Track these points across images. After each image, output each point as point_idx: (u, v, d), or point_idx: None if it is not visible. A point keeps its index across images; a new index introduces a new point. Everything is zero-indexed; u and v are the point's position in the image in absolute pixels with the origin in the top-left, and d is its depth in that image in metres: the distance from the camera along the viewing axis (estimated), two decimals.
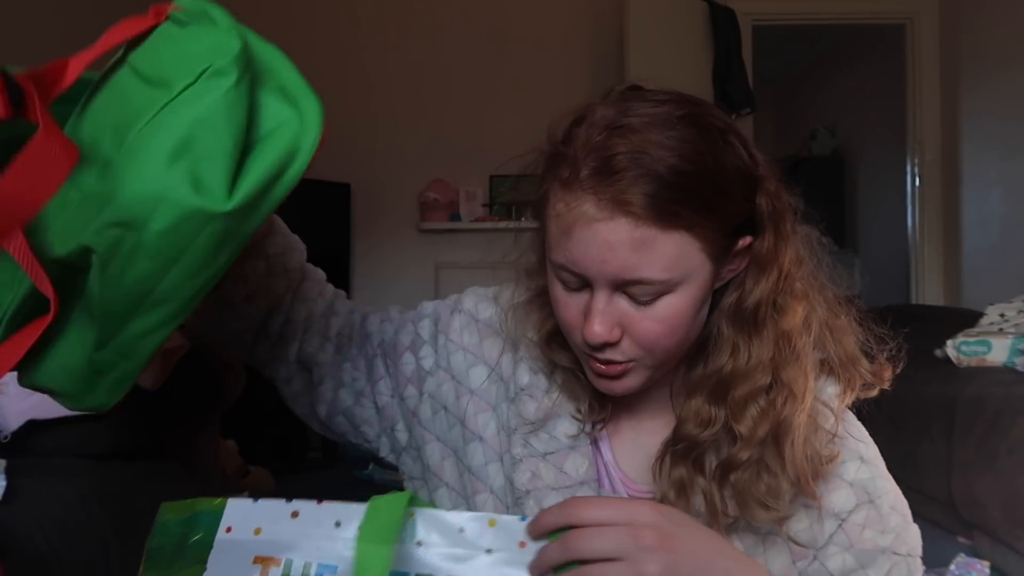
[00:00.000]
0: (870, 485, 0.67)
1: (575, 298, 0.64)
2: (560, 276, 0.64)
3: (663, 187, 0.58)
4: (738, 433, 0.64)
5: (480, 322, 0.79)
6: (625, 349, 0.63)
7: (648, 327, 0.62)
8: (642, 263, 0.59)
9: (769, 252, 0.65)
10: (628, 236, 0.59)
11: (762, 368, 0.65)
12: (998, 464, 1.92)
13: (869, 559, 0.66)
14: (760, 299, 0.65)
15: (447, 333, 0.80)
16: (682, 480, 0.66)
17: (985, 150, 3.52)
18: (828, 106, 5.79)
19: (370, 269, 3.90)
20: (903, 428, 2.45)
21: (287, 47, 0.55)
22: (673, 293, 0.62)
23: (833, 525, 0.66)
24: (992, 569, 1.90)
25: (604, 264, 0.60)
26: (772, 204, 0.66)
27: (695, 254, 0.61)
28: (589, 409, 0.73)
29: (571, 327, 0.65)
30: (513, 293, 0.77)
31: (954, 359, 2.32)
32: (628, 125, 0.60)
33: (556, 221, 0.62)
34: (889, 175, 4.70)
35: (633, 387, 0.66)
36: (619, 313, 0.62)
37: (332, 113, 0.51)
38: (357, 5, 3.94)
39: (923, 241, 3.87)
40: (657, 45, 3.68)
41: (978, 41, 3.55)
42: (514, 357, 0.77)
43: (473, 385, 0.77)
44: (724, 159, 0.62)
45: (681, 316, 0.62)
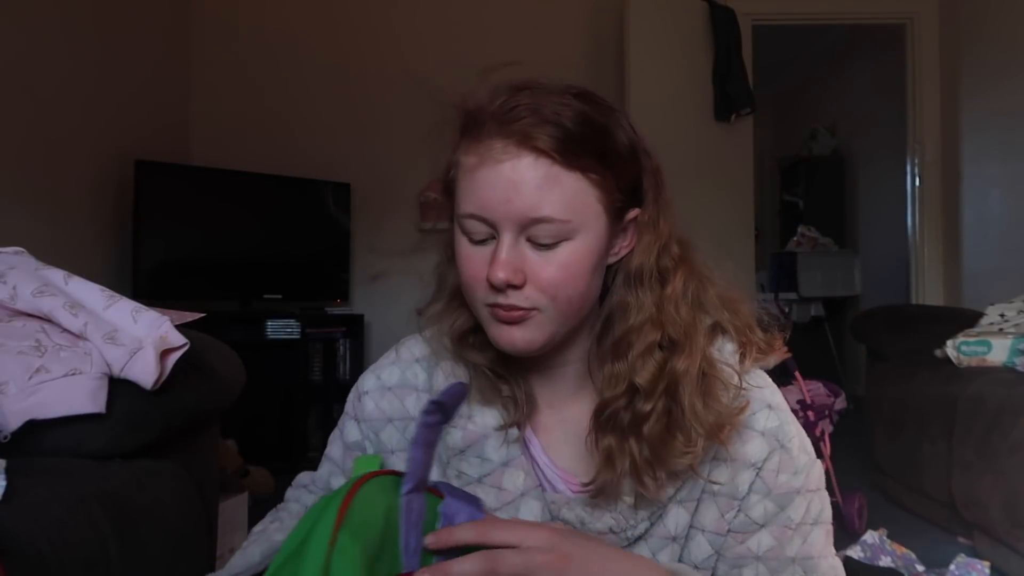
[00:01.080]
0: (779, 432, 0.73)
1: (480, 251, 0.68)
2: (467, 228, 0.68)
3: (563, 131, 0.65)
4: (639, 386, 0.69)
5: (392, 388, 0.81)
6: (529, 295, 0.67)
7: (550, 272, 0.66)
8: (544, 201, 0.65)
9: (651, 220, 0.72)
10: (532, 173, 0.65)
11: (652, 324, 0.71)
12: (998, 464, 1.92)
13: (787, 500, 0.72)
14: (644, 262, 0.72)
15: (367, 420, 0.81)
16: (610, 448, 0.71)
17: (985, 150, 3.52)
18: (828, 106, 5.80)
19: (370, 269, 3.90)
20: (903, 428, 2.45)
21: (288, 47, 0.55)
22: (573, 240, 0.67)
23: (751, 475, 0.72)
24: (992, 569, 1.90)
25: (509, 203, 0.65)
26: (654, 178, 0.73)
27: (592, 203, 0.67)
28: (506, 411, 0.75)
29: (475, 279, 0.69)
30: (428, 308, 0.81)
31: (954, 359, 2.32)
32: (528, 90, 0.69)
33: (465, 172, 0.68)
34: (889, 175, 4.70)
35: (536, 342, 0.69)
36: (522, 258, 0.67)
37: (332, 113, 0.51)
38: (357, 5, 3.94)
39: (923, 241, 3.87)
40: (657, 45, 3.68)
41: (978, 41, 3.55)
42: (431, 395, 0.78)
43: None
44: (613, 126, 0.69)
45: (579, 264, 0.67)
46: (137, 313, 1.29)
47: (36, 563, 0.89)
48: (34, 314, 1.27)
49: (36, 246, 1.49)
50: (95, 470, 1.15)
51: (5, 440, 1.13)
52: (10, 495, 0.96)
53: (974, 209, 3.58)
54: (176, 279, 3.26)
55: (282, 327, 3.38)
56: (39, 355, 1.19)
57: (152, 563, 1.12)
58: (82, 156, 2.93)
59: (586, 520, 0.72)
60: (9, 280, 1.29)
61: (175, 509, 1.22)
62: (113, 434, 1.21)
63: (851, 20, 4.16)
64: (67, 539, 0.96)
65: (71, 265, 1.43)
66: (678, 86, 3.66)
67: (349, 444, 0.83)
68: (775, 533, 0.72)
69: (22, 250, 1.41)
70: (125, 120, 3.20)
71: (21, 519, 0.92)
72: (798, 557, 0.72)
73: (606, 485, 0.70)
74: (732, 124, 3.70)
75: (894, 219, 4.39)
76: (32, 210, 2.60)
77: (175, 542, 1.19)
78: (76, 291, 1.31)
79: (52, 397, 1.15)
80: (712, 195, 3.50)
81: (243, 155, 3.72)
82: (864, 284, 5.05)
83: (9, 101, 2.50)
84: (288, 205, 3.61)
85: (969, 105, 3.61)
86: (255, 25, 3.90)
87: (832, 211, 5.53)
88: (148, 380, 1.23)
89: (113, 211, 3.14)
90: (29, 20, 2.60)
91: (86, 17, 2.93)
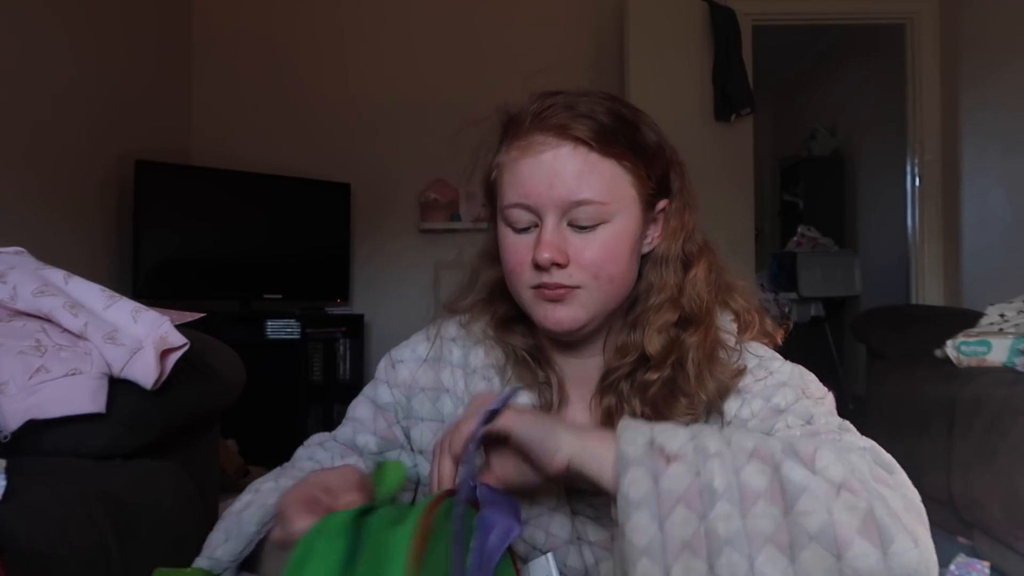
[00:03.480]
0: (767, 365, 0.76)
1: (524, 239, 0.73)
2: (510, 219, 0.73)
3: (598, 123, 0.71)
4: (650, 355, 0.75)
5: (427, 360, 0.84)
6: (572, 273, 0.71)
7: (592, 252, 0.71)
8: (584, 184, 0.70)
9: (678, 210, 0.78)
10: (572, 161, 0.70)
11: (671, 303, 0.76)
12: (998, 464, 1.92)
13: (771, 392, 0.74)
14: (670, 247, 0.78)
15: (398, 385, 0.84)
16: (610, 408, 0.75)
17: (985, 150, 3.52)
18: (828, 106, 5.79)
19: (370, 269, 3.90)
20: (903, 428, 2.45)
21: (288, 47, 0.56)
22: (611, 222, 0.72)
23: (739, 399, 0.75)
24: (992, 569, 1.90)
25: (552, 189, 0.70)
26: (680, 172, 0.80)
27: (627, 188, 0.73)
28: (540, 397, 0.79)
29: (520, 265, 0.73)
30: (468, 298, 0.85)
31: (954, 359, 2.32)
32: (562, 94, 0.75)
33: (507, 167, 0.73)
34: (889, 175, 4.70)
35: (579, 319, 0.73)
36: (565, 240, 0.71)
37: (332, 113, 0.52)
38: (357, 5, 3.94)
39: (923, 241, 3.87)
40: (657, 45, 3.68)
41: (978, 41, 3.55)
42: (466, 373, 0.82)
43: (445, 415, 0.82)
44: (642, 122, 0.76)
45: (618, 244, 0.72)
46: (137, 313, 1.29)
47: (36, 563, 0.89)
48: (34, 314, 1.27)
49: (36, 246, 1.48)
50: (95, 470, 1.15)
51: (5, 440, 1.13)
52: (10, 495, 0.96)
53: (974, 209, 3.58)
54: (176, 279, 3.26)
55: (282, 327, 3.38)
56: (39, 355, 1.19)
57: (152, 563, 1.12)
58: (82, 156, 2.93)
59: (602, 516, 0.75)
60: (9, 280, 1.29)
61: (175, 509, 1.22)
62: (113, 434, 1.21)
63: (851, 20, 4.16)
64: (67, 539, 0.96)
65: (71, 265, 1.43)
66: (678, 86, 3.66)
67: (381, 405, 0.84)
68: (762, 415, 0.73)
69: (22, 250, 1.41)
70: (125, 120, 3.20)
71: (21, 519, 0.92)
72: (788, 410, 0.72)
73: None
74: (732, 124, 3.70)
75: (894, 219, 4.39)
76: (32, 210, 2.60)
77: (175, 542, 1.19)
78: (76, 291, 1.31)
79: (52, 397, 1.15)
80: (712, 195, 3.50)
81: (243, 155, 3.73)
82: (864, 284, 5.05)
83: (9, 101, 2.50)
84: (288, 205, 3.61)
85: (969, 105, 3.61)
86: (255, 25, 3.90)
87: (832, 211, 5.53)
88: (148, 380, 1.23)
89: (113, 211, 3.14)
90: (29, 20, 2.60)
91: (86, 17, 2.93)
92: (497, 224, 0.76)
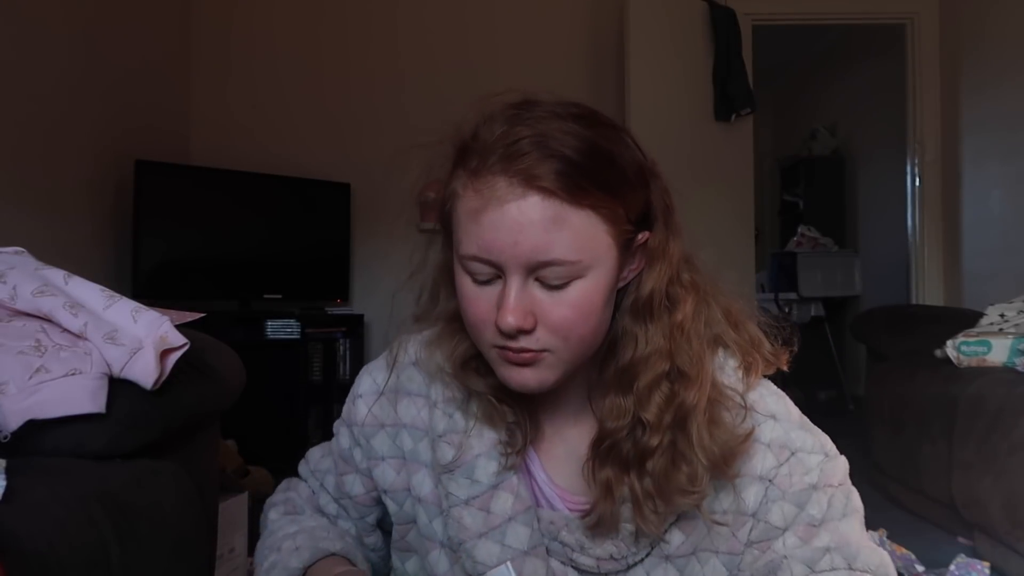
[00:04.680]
0: (786, 440, 0.70)
1: (485, 292, 0.65)
2: (470, 269, 0.65)
3: (569, 165, 0.61)
4: (646, 421, 0.66)
5: (385, 392, 0.80)
6: (540, 337, 0.64)
7: (561, 313, 0.63)
8: (553, 242, 0.61)
9: (661, 245, 0.69)
10: (540, 215, 0.60)
11: (660, 355, 0.68)
12: (999, 464, 1.92)
13: (805, 498, 0.69)
14: (653, 289, 0.68)
15: (358, 424, 0.81)
16: (608, 480, 0.68)
17: (985, 150, 3.52)
18: (828, 106, 5.79)
19: (370, 269, 3.90)
20: (903, 428, 2.45)
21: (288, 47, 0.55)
22: (584, 278, 0.63)
23: (761, 487, 0.69)
24: (992, 569, 1.90)
25: (516, 246, 0.61)
26: (663, 200, 0.70)
27: (602, 237, 0.63)
28: (509, 437, 0.73)
29: (482, 322, 0.65)
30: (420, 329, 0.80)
31: (954, 359, 2.32)
32: (528, 119, 0.63)
33: (466, 211, 0.64)
34: (889, 175, 4.70)
35: (548, 381, 0.67)
36: (532, 300, 0.63)
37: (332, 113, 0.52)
38: (357, 5, 3.94)
39: (923, 241, 3.87)
40: (657, 45, 3.68)
41: (978, 41, 3.55)
42: (428, 403, 0.77)
43: (405, 451, 0.78)
44: (619, 149, 0.65)
45: (592, 302, 0.64)
46: (137, 313, 1.29)
47: (36, 563, 0.89)
48: (34, 314, 1.27)
49: (36, 246, 1.48)
50: (95, 470, 1.15)
51: (5, 440, 1.13)
52: (10, 495, 0.95)
53: (974, 209, 3.58)
54: (176, 279, 3.26)
55: (282, 327, 3.38)
56: (39, 355, 1.19)
57: (152, 563, 1.12)
58: (82, 156, 2.93)
59: (586, 545, 0.71)
60: (9, 280, 1.29)
61: (175, 509, 1.22)
62: (113, 434, 1.20)
63: (851, 20, 4.16)
64: (67, 539, 0.96)
65: (71, 265, 1.43)
66: (678, 86, 3.66)
67: (341, 451, 0.84)
68: (799, 533, 0.69)
69: (22, 250, 1.41)
70: (125, 120, 3.20)
71: (21, 519, 0.92)
72: (831, 547, 0.68)
73: (603, 516, 0.69)
74: (732, 124, 3.70)
75: (894, 219, 4.39)
76: (32, 210, 2.60)
77: (175, 542, 1.19)
78: (76, 291, 1.31)
79: (52, 397, 1.15)
80: (712, 195, 3.50)
81: (243, 155, 3.72)
82: (864, 284, 5.05)
83: (9, 101, 2.50)
84: (288, 205, 3.61)
85: (969, 105, 3.61)
86: (255, 25, 3.90)
87: (832, 211, 5.53)
88: (148, 380, 1.23)
89: (113, 211, 3.14)
90: (29, 20, 2.60)
91: (86, 17, 2.93)
92: (454, 265, 0.68)
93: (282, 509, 0.89)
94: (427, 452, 0.77)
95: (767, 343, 0.73)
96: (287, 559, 0.77)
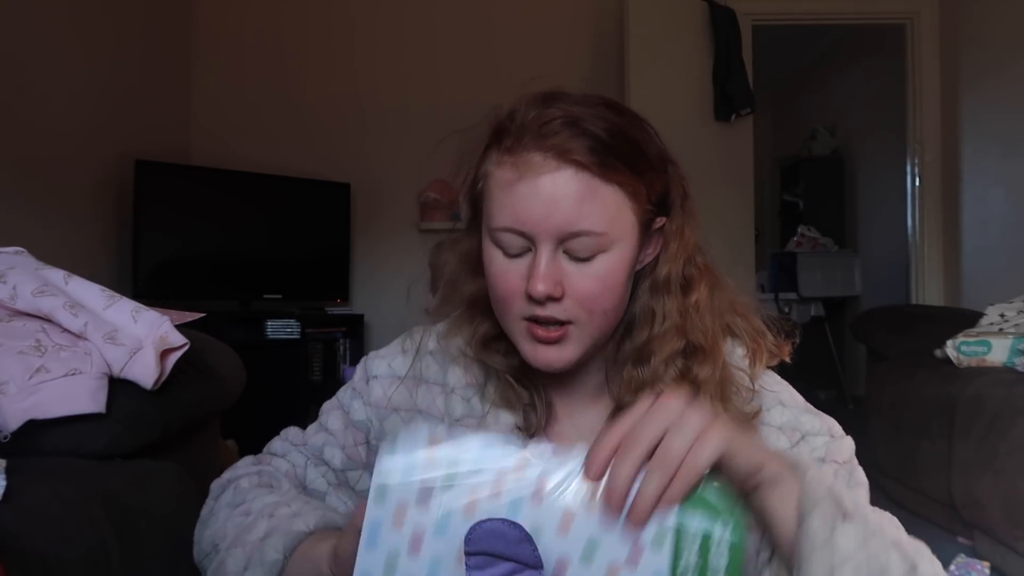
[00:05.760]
0: (796, 423, 0.73)
1: (515, 264, 0.68)
2: (501, 242, 0.68)
3: (599, 143, 0.65)
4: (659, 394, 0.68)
5: (402, 378, 0.80)
6: (566, 307, 0.67)
7: (587, 285, 0.67)
8: (584, 214, 0.65)
9: (678, 229, 0.73)
10: (573, 187, 0.65)
11: (676, 331, 0.72)
12: (998, 464, 1.92)
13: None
14: (671, 269, 0.72)
15: (372, 405, 0.81)
16: None
17: (985, 150, 3.52)
18: (828, 106, 5.79)
19: (370, 269, 3.90)
20: (903, 428, 2.45)
21: (288, 47, 0.55)
22: (608, 252, 0.67)
23: None
24: (992, 569, 1.90)
25: (549, 218, 0.65)
26: (681, 186, 0.74)
27: (627, 215, 0.68)
28: (525, 419, 0.74)
29: (512, 294, 0.68)
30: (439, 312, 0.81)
31: (954, 359, 2.32)
32: (559, 104, 0.68)
33: (500, 185, 0.68)
34: (889, 175, 4.69)
35: (571, 358, 0.69)
36: (560, 271, 0.67)
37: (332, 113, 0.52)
38: (357, 5, 3.94)
39: (923, 241, 3.87)
40: (657, 45, 3.68)
41: (978, 41, 3.55)
42: (444, 391, 0.78)
43: None
44: (642, 135, 0.70)
45: (615, 276, 0.68)
46: (137, 313, 1.29)
47: (36, 563, 0.89)
48: (34, 314, 1.27)
49: (36, 246, 1.49)
50: (95, 470, 1.15)
51: (5, 440, 1.13)
52: (10, 495, 0.96)
53: (974, 209, 3.58)
54: (176, 279, 3.26)
55: (282, 327, 3.38)
56: (39, 355, 1.19)
57: (152, 563, 1.12)
58: (82, 156, 2.93)
59: None
60: (9, 280, 1.29)
61: (175, 509, 1.22)
62: (113, 434, 1.21)
63: (851, 20, 4.16)
64: (67, 539, 0.96)
65: (71, 265, 1.43)
66: (678, 86, 3.66)
67: (354, 422, 0.82)
68: None
69: (22, 250, 1.41)
70: (125, 120, 3.20)
71: (21, 519, 0.92)
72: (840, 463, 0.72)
73: None
74: (732, 124, 3.70)
75: (894, 219, 4.39)
76: (32, 210, 2.60)
77: (175, 542, 1.19)
78: (76, 291, 1.31)
79: (52, 397, 1.15)
80: (712, 195, 3.50)
81: (243, 155, 3.73)
82: (864, 284, 5.05)
83: (9, 101, 2.50)
84: (288, 205, 3.61)
85: (969, 105, 3.61)
86: (255, 25, 3.90)
87: (832, 211, 5.53)
88: (148, 380, 1.23)
89: (113, 211, 3.14)
90: (29, 20, 2.60)
91: (86, 18, 2.93)
92: (483, 241, 0.71)
93: (256, 480, 0.80)
94: None
95: (770, 335, 0.76)
96: (287, 524, 0.69)
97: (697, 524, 0.50)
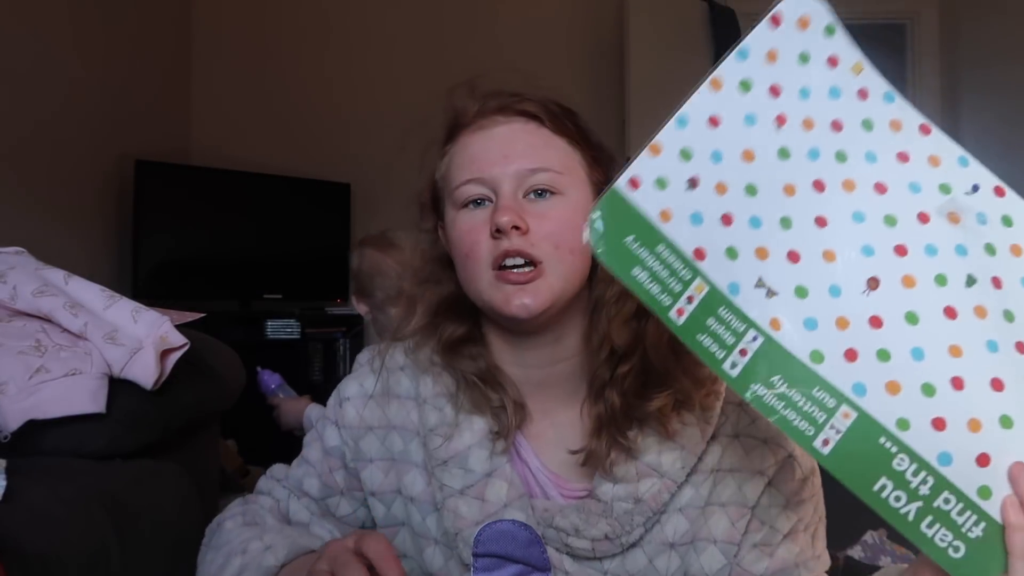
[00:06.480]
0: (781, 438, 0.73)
1: (478, 214, 0.71)
2: (463, 195, 0.72)
3: (553, 104, 0.73)
4: (616, 348, 0.72)
5: (374, 396, 0.81)
6: (533, 242, 0.69)
7: (550, 222, 0.70)
8: (539, 155, 0.71)
9: None
10: (527, 133, 0.71)
11: (626, 293, 0.70)
12: None
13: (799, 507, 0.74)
14: None
15: (347, 427, 0.81)
16: (599, 414, 0.72)
17: (985, 150, 3.51)
18: None
19: None
20: None
21: (288, 47, 0.56)
22: (564, 196, 0.71)
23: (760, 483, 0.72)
24: None
25: (507, 160, 0.70)
26: None
27: (578, 170, 0.73)
28: (498, 422, 0.74)
29: (476, 244, 0.70)
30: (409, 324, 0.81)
31: None
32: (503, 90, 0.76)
33: (457, 151, 0.74)
34: None
35: (545, 300, 0.69)
36: (523, 209, 0.70)
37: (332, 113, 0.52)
38: (357, 5, 3.94)
39: None
40: (657, 45, 3.68)
41: (978, 41, 3.55)
42: (417, 404, 0.78)
43: (395, 452, 0.79)
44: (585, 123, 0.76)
45: (573, 220, 0.69)
46: (137, 313, 1.29)
47: (36, 563, 0.89)
48: (34, 314, 1.27)
49: (36, 246, 1.48)
50: (95, 470, 1.15)
51: (5, 440, 1.13)
52: (10, 495, 0.96)
53: None
54: (176, 279, 3.26)
55: (282, 327, 3.38)
56: (39, 355, 1.19)
57: (152, 563, 1.12)
58: (82, 156, 2.93)
59: (580, 527, 0.71)
60: (9, 280, 1.29)
61: (175, 509, 1.22)
62: (113, 434, 1.21)
63: (851, 20, 4.10)
64: (67, 539, 0.96)
65: (71, 265, 1.43)
66: (678, 86, 3.63)
67: (328, 449, 0.83)
68: (797, 540, 0.73)
69: (22, 250, 1.41)
70: (125, 120, 3.20)
71: (21, 519, 0.92)
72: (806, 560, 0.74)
73: (594, 451, 0.71)
74: None
75: None
76: (32, 210, 2.60)
77: (175, 542, 1.19)
78: (76, 291, 1.31)
79: (52, 397, 1.15)
80: None
81: (243, 155, 3.72)
82: None
83: (9, 101, 2.50)
84: (288, 205, 3.61)
85: (969, 105, 3.61)
86: (255, 25, 3.90)
87: None
88: (148, 380, 1.23)
89: (113, 211, 3.14)
90: (29, 20, 2.60)
91: (86, 18, 2.93)
92: (446, 220, 0.76)
93: (240, 520, 0.82)
94: (418, 451, 0.77)
95: None
96: (258, 559, 0.71)
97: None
